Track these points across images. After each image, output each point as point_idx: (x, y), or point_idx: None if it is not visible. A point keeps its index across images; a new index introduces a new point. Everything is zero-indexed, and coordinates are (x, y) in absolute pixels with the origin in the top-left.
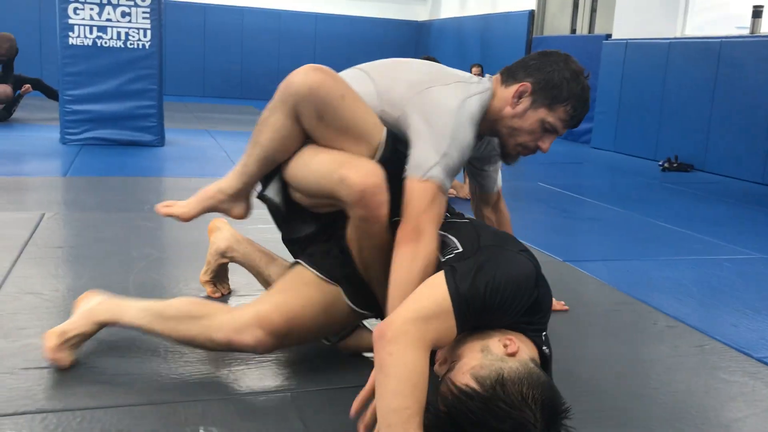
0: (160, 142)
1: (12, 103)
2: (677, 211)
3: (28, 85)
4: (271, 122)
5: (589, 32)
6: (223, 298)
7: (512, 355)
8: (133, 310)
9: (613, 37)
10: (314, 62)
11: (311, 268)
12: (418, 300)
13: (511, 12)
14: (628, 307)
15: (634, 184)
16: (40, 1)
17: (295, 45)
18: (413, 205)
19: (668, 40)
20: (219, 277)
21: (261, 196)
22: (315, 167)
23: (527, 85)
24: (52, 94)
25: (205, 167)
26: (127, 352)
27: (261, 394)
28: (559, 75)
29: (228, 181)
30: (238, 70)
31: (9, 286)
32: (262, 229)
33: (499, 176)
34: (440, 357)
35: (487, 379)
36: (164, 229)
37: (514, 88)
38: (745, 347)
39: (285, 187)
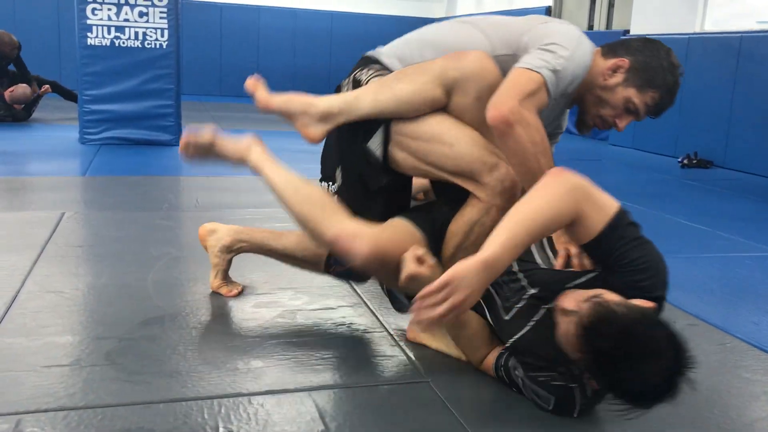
0: (178, 141)
1: (31, 103)
2: (697, 207)
3: (47, 86)
4: (419, 82)
5: (607, 28)
6: (242, 296)
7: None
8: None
9: (632, 32)
10: (330, 60)
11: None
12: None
13: (528, 8)
14: None
15: (654, 181)
16: (59, 2)
17: (311, 43)
18: (516, 89)
19: (687, 35)
20: (227, 276)
21: (363, 147)
22: (460, 146)
23: (626, 61)
24: (69, 95)
25: (222, 166)
26: (147, 350)
27: (280, 392)
28: (657, 61)
29: (326, 101)
30: (254, 68)
31: (30, 284)
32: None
33: None
34: (580, 296)
35: (632, 307)
36: (182, 228)
37: (612, 61)
38: (767, 345)
39: (387, 142)
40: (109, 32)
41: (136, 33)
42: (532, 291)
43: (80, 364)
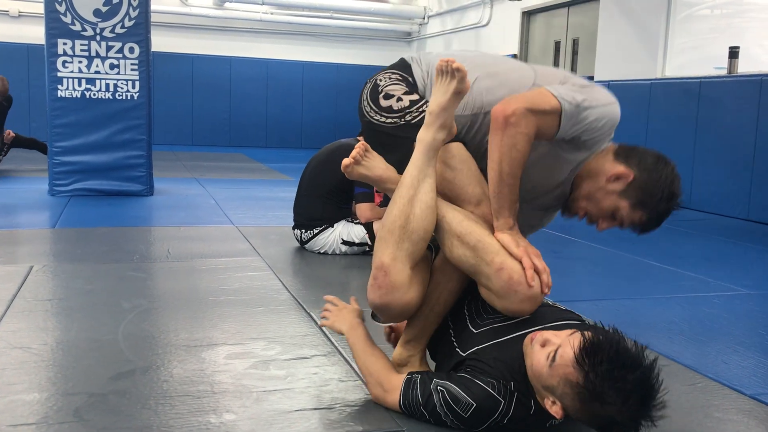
0: (149, 191)
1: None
2: (665, 248)
3: (9, 131)
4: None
5: None
6: (213, 347)
7: None
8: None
9: (596, 78)
10: (302, 109)
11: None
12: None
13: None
14: None
15: None
16: (29, 56)
17: (283, 92)
18: (531, 100)
19: (649, 81)
20: None
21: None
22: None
23: (631, 175)
24: (41, 147)
25: (194, 215)
26: (117, 405)
27: None
28: (659, 187)
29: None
30: (226, 118)
31: None
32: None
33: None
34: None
35: (609, 334)
36: (154, 280)
37: (620, 169)
38: (737, 384)
39: None
40: (79, 84)
41: (107, 85)
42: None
43: (47, 422)
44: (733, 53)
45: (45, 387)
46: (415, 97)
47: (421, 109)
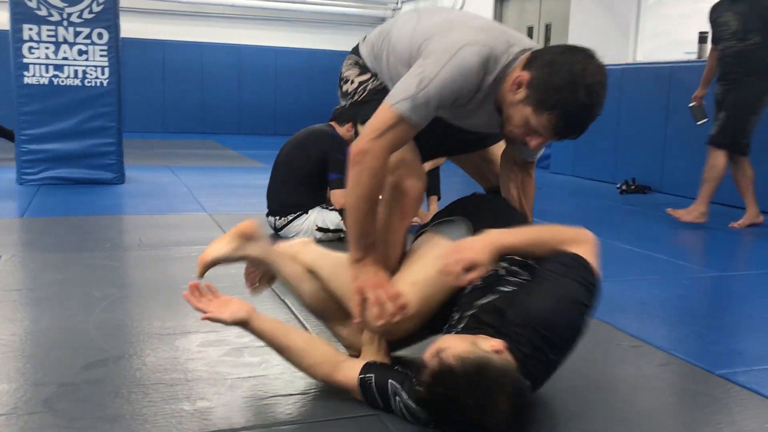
0: (120, 179)
1: None
2: (637, 232)
3: None
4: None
5: None
6: (187, 334)
7: (497, 352)
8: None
9: None
10: (275, 95)
11: None
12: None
13: None
14: (593, 329)
15: (595, 207)
16: None
17: (255, 79)
18: (370, 127)
19: (621, 66)
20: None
21: None
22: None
23: (525, 76)
24: (8, 135)
25: (166, 203)
26: (89, 395)
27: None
28: (558, 79)
29: None
30: (198, 104)
31: None
32: None
33: (540, 152)
34: (433, 349)
35: (472, 361)
36: (126, 268)
37: (516, 75)
38: (707, 364)
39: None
40: (47, 71)
41: (76, 71)
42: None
43: (17, 413)
44: (703, 38)
45: (14, 378)
46: (364, 77)
47: (366, 87)
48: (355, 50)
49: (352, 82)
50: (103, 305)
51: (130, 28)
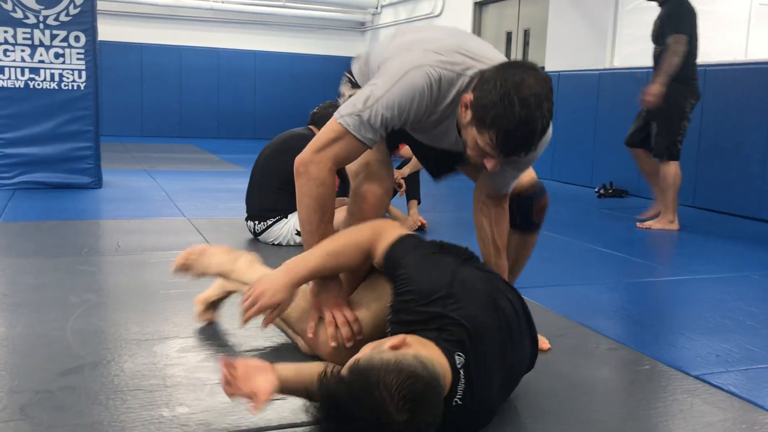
0: (98, 184)
1: None
2: (614, 235)
3: None
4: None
5: None
6: (166, 340)
7: (395, 348)
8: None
9: (546, 69)
10: (254, 99)
11: None
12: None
13: None
14: (571, 332)
15: (573, 211)
16: None
17: (234, 82)
18: (316, 140)
19: (599, 71)
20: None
21: None
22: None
23: (469, 98)
24: None
25: (144, 208)
26: (66, 402)
27: None
28: (493, 95)
29: None
30: (176, 108)
31: None
32: None
33: (513, 183)
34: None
35: (356, 367)
36: (103, 273)
37: (462, 97)
38: (683, 366)
39: None
40: (22, 74)
41: (52, 74)
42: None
43: None
44: None
45: None
46: (353, 92)
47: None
48: (349, 68)
49: (345, 97)
50: (79, 311)
51: (108, 30)
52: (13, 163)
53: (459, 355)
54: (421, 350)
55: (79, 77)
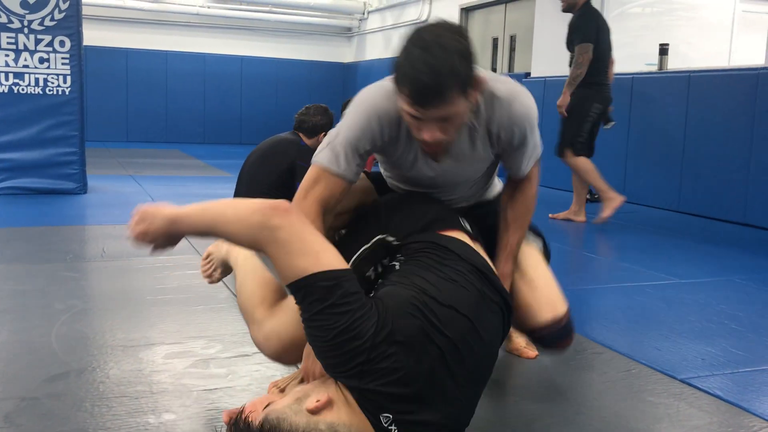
0: (83, 189)
1: None
2: (600, 240)
3: None
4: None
5: (509, 71)
6: (152, 346)
7: (312, 411)
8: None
9: (532, 74)
10: (241, 104)
11: None
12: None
13: None
14: None
15: None
16: None
17: (220, 88)
18: (300, 190)
19: None
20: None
21: None
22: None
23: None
24: None
25: (130, 213)
26: (51, 409)
27: None
28: (399, 57)
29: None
30: (162, 113)
31: None
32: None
33: (525, 163)
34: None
35: (265, 423)
36: (89, 280)
37: None
38: (669, 369)
39: None
40: (6, 79)
41: (37, 79)
42: None
43: None
44: (663, 50)
45: None
46: None
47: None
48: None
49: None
50: (64, 317)
51: (93, 35)
52: None
53: (385, 416)
54: (341, 417)
55: (64, 82)
